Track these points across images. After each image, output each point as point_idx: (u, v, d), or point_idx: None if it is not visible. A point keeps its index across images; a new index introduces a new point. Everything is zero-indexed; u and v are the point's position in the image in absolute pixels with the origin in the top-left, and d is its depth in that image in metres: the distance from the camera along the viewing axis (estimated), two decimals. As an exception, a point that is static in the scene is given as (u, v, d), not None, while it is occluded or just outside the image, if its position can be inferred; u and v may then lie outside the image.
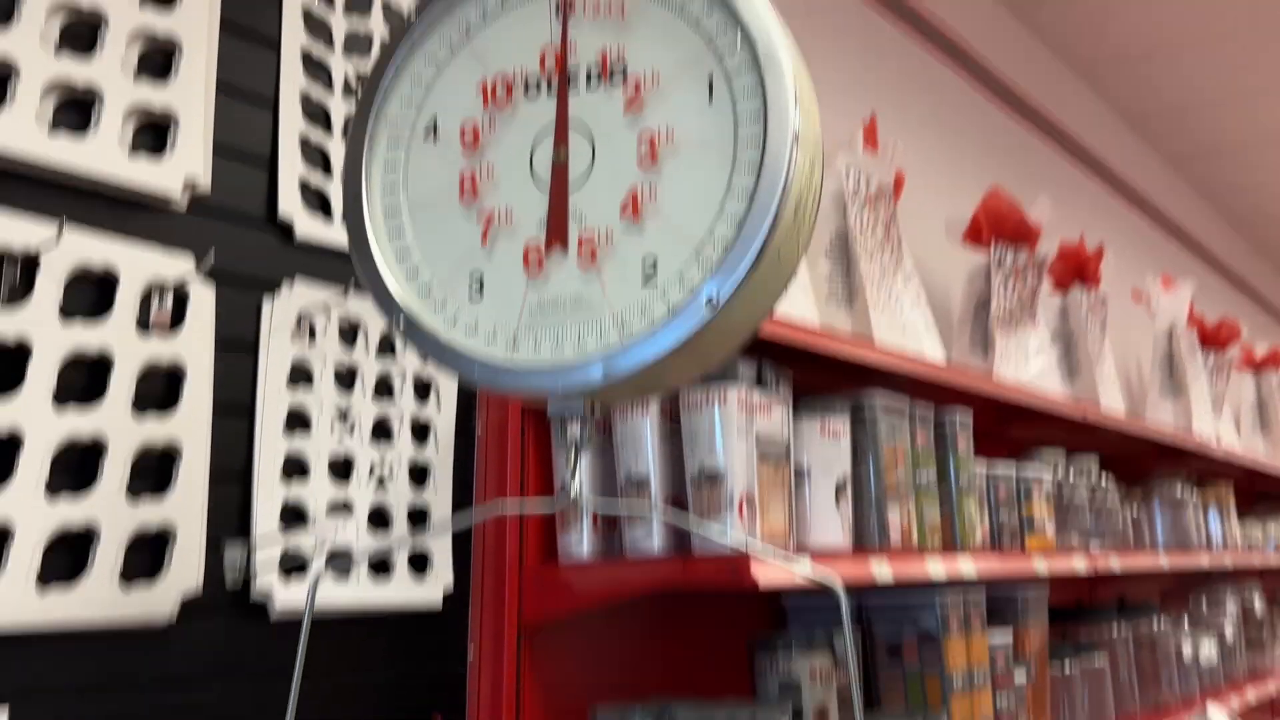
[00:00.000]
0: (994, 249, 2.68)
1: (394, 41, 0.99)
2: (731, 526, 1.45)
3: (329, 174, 1.50)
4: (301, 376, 1.43)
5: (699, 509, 1.49)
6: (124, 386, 1.24)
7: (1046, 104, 3.96)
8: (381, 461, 1.51)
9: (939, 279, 2.95)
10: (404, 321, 0.93)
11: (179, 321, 1.30)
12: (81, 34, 1.28)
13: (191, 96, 1.34)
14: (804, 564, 0.95)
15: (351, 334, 1.50)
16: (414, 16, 0.99)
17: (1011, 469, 2.26)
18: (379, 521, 1.50)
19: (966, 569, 1.84)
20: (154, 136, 1.32)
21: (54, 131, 1.22)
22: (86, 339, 1.22)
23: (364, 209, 0.96)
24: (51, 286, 1.20)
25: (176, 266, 1.30)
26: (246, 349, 1.37)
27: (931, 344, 2.32)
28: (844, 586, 1.89)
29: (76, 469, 1.21)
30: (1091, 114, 4.43)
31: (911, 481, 1.89)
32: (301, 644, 0.95)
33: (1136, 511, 2.99)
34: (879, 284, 2.21)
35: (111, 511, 1.21)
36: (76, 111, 1.26)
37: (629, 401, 1.32)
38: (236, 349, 1.36)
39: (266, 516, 1.36)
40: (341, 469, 1.46)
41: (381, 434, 1.52)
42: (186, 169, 1.32)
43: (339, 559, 1.41)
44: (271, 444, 1.38)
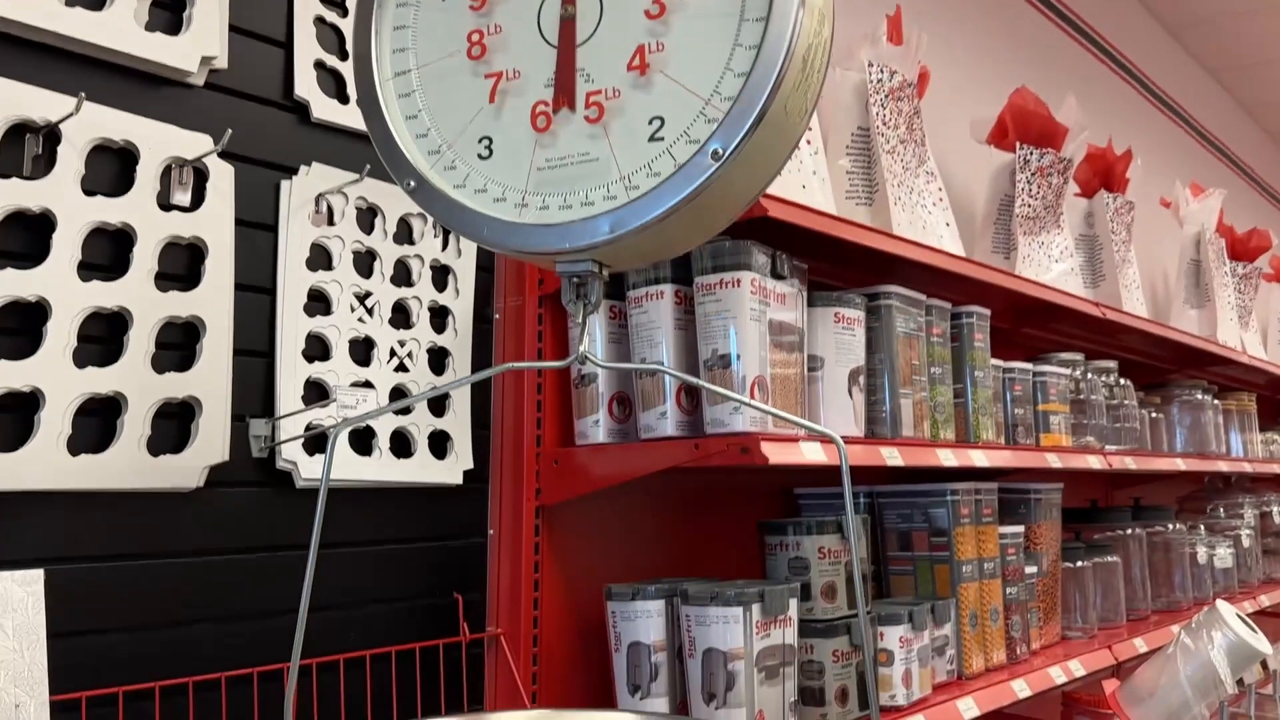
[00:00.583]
0: (1019, 150, 2.64)
1: (403, -98, 0.99)
2: (742, 409, 1.47)
3: (345, 56, 1.50)
4: (321, 258, 1.45)
5: (712, 393, 1.51)
6: (146, 260, 1.27)
7: (1080, 6, 3.86)
8: (401, 345, 1.54)
9: (962, 180, 2.92)
10: (413, 183, 0.94)
11: (199, 199, 1.32)
12: (95, -92, 1.28)
13: (206, -26, 1.34)
14: (806, 422, 0.97)
15: (370, 218, 1.52)
16: (423, -124, 0.98)
17: (1029, 367, 2.26)
18: (400, 402, 1.53)
19: (978, 459, 1.86)
20: (171, 13, 1.33)
21: (71, 5, 1.23)
22: (108, 212, 1.24)
23: (373, 69, 0.96)
24: (73, 159, 1.22)
25: (196, 144, 1.32)
26: (266, 229, 1.40)
27: (952, 243, 2.31)
28: (853, 474, 1.92)
29: (102, 341, 1.24)
30: (1126, 17, 4.31)
31: (927, 375, 1.90)
32: (319, 509, 0.98)
33: (1155, 415, 2.99)
34: (900, 181, 2.19)
35: (137, 382, 1.25)
36: (92, -14, 1.27)
37: (637, 264, 1.32)
38: (256, 228, 1.39)
39: (290, 392, 1.39)
40: (362, 351, 1.49)
41: (401, 318, 1.55)
42: (203, 46, 1.33)
43: (360, 422, 1.44)
44: (293, 323, 1.41)
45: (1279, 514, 3.80)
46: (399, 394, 1.53)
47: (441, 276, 1.61)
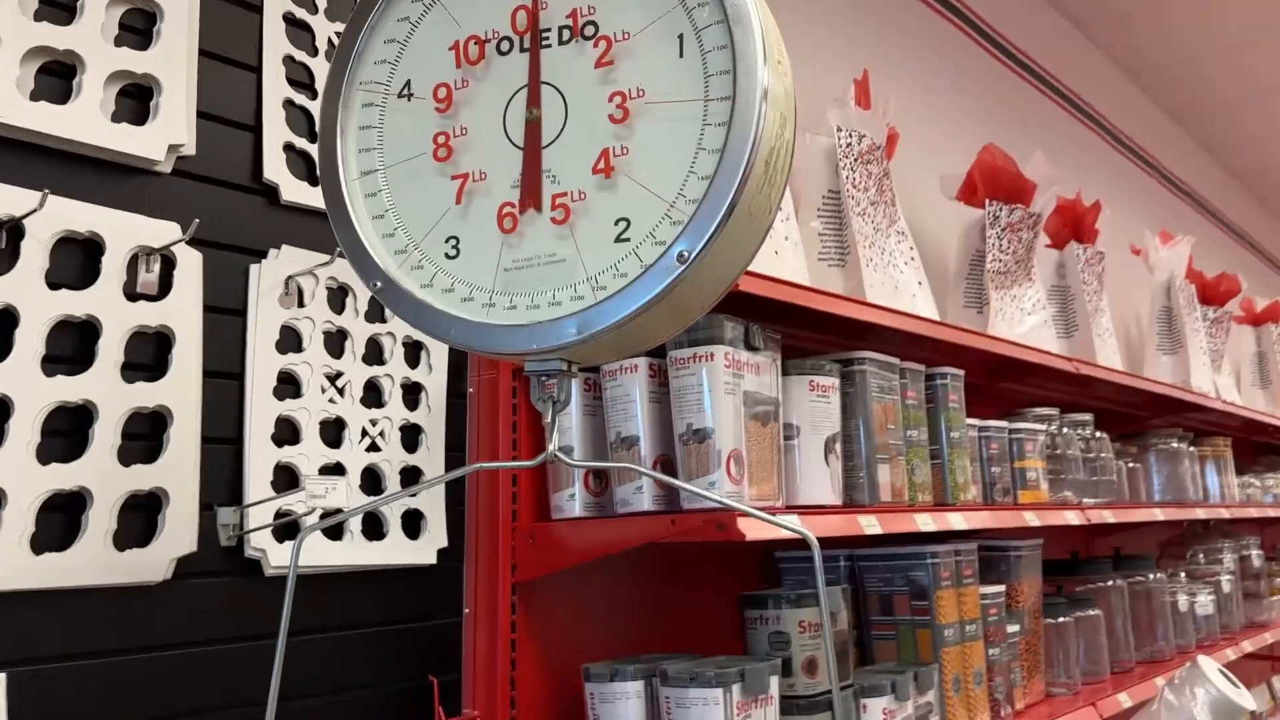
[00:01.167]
0: (989, 206, 2.67)
1: (366, 4, 0.99)
2: (719, 483, 1.46)
3: (313, 138, 1.50)
4: (291, 340, 1.44)
5: (688, 467, 1.50)
6: (112, 352, 1.25)
7: (1044, 59, 3.92)
8: (373, 424, 1.52)
9: (935, 235, 2.95)
10: (379, 284, 0.94)
11: (166, 287, 1.31)
12: (63, 2, 1.28)
13: (174, 62, 1.34)
14: (788, 518, 0.97)
15: (340, 297, 1.51)
16: (387, -23, 0.99)
17: (1004, 425, 2.27)
18: (372, 483, 1.51)
19: (956, 523, 1.86)
20: (137, 102, 1.32)
21: (35, 98, 1.23)
22: (73, 305, 1.23)
23: (339, 170, 0.96)
24: (38, 253, 1.21)
25: (163, 232, 1.31)
26: (235, 313, 1.39)
27: (924, 302, 2.33)
28: (833, 540, 1.90)
29: (67, 435, 1.22)
30: (1091, 69, 4.39)
31: (903, 438, 1.90)
32: (288, 597, 0.96)
33: (1132, 465, 3.00)
34: (872, 241, 2.21)
35: (103, 476, 1.23)
36: (58, 78, 1.26)
37: (608, 359, 1.32)
38: (225, 313, 1.37)
39: (258, 478, 1.37)
40: (333, 432, 1.48)
41: (373, 397, 1.54)
42: (170, 134, 1.32)
43: (330, 517, 1.43)
44: (262, 407, 1.39)
45: (1257, 557, 3.81)
46: (371, 475, 1.51)
47: (414, 353, 1.60)
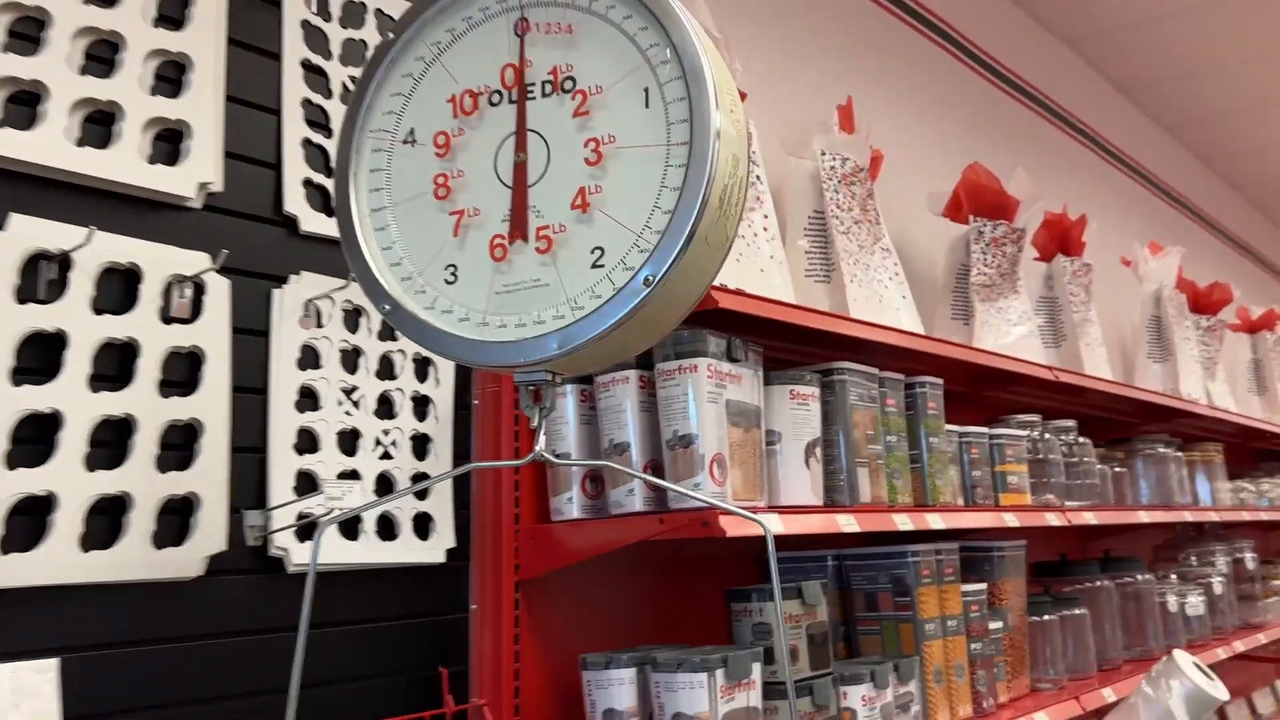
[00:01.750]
0: (973, 222, 2.79)
1: (375, 60, 1.13)
2: (704, 485, 1.59)
3: (329, 173, 1.64)
4: (310, 358, 1.58)
5: (675, 470, 1.63)
6: (150, 370, 1.39)
7: (1037, 79, 4.05)
8: (385, 434, 1.66)
9: (926, 250, 3.07)
10: (388, 308, 1.07)
11: (198, 311, 1.45)
12: (102, 55, 1.42)
13: (203, 107, 1.49)
14: (750, 517, 1.09)
15: (355, 318, 1.65)
16: (392, 37, 1.13)
17: (985, 431, 2.38)
18: (386, 488, 1.65)
19: (934, 522, 1.98)
20: (170, 145, 1.47)
21: (81, 145, 1.37)
22: (116, 328, 1.37)
23: (352, 208, 1.10)
24: (84, 282, 1.35)
25: (194, 261, 1.45)
26: (259, 334, 1.52)
27: (908, 315, 2.45)
28: (819, 540, 2.03)
29: (111, 445, 1.36)
30: (1082, 86, 4.50)
31: (882, 443, 2.02)
32: (308, 591, 1.09)
33: (1118, 470, 3.11)
34: (856, 258, 2.33)
35: (143, 482, 1.37)
36: (100, 125, 1.41)
37: (590, 370, 1.45)
38: (250, 334, 1.51)
39: (281, 484, 1.51)
40: (349, 442, 1.61)
41: (385, 409, 1.67)
42: (200, 173, 1.47)
43: (346, 516, 1.56)
44: (284, 420, 1.53)
45: (1251, 560, 3.90)
46: (384, 481, 1.65)
47: (423, 368, 1.73)
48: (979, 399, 2.75)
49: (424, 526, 1.68)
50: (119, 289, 1.40)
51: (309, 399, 1.57)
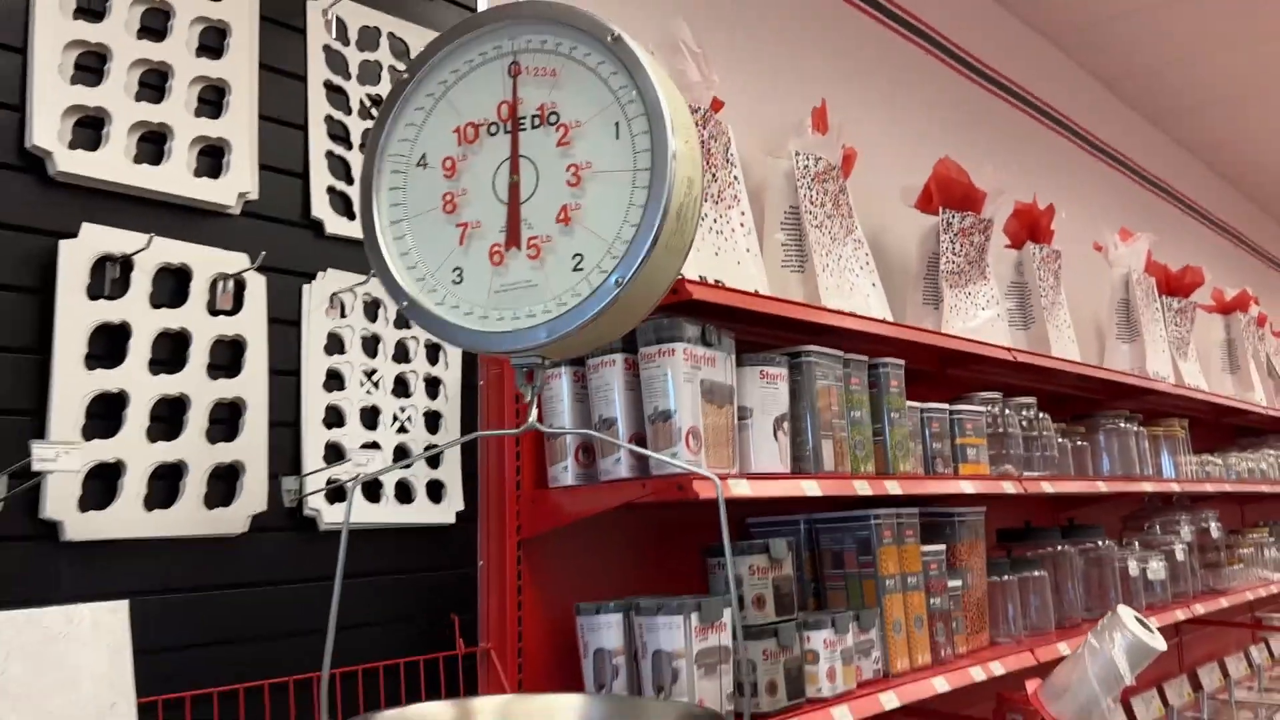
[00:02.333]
0: (942, 213, 3.00)
1: (393, 95, 1.35)
2: (680, 454, 1.81)
3: (350, 181, 1.86)
4: (335, 344, 1.81)
5: (655, 442, 1.85)
6: (200, 356, 1.62)
7: (1011, 71, 4.24)
8: (402, 411, 1.89)
9: (901, 240, 3.28)
10: (406, 303, 1.29)
11: (239, 304, 1.68)
12: (153, 82, 1.64)
13: (240, 125, 1.71)
14: (703, 474, 1.31)
15: (374, 309, 1.87)
16: (406, 77, 1.35)
17: (945, 406, 2.60)
18: (402, 458, 1.87)
19: (893, 488, 2.20)
20: (213, 159, 1.69)
21: (138, 162, 1.59)
22: (170, 320, 1.60)
23: (375, 220, 1.32)
24: (144, 281, 1.57)
25: (235, 261, 1.68)
26: (292, 324, 1.75)
27: (877, 301, 2.67)
28: (789, 504, 2.25)
29: (168, 420, 1.59)
30: (1062, 78, 4.69)
31: (847, 418, 2.24)
32: (343, 540, 1.32)
33: (1080, 444, 3.32)
34: (828, 250, 2.55)
35: (195, 452, 1.60)
36: (152, 144, 1.63)
37: (574, 354, 1.65)
38: (284, 324, 1.74)
39: (313, 454, 1.74)
40: (370, 417, 1.84)
41: (401, 389, 1.90)
42: (239, 184, 1.69)
43: (373, 476, 1.79)
44: (314, 398, 1.76)
45: (1216, 529, 4.12)
46: (401, 452, 1.87)
47: (434, 353, 1.96)
48: (947, 379, 2.97)
49: (436, 492, 1.91)
50: (172, 286, 1.62)
51: (335, 380, 1.80)
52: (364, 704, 1.74)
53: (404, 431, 1.88)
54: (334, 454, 1.78)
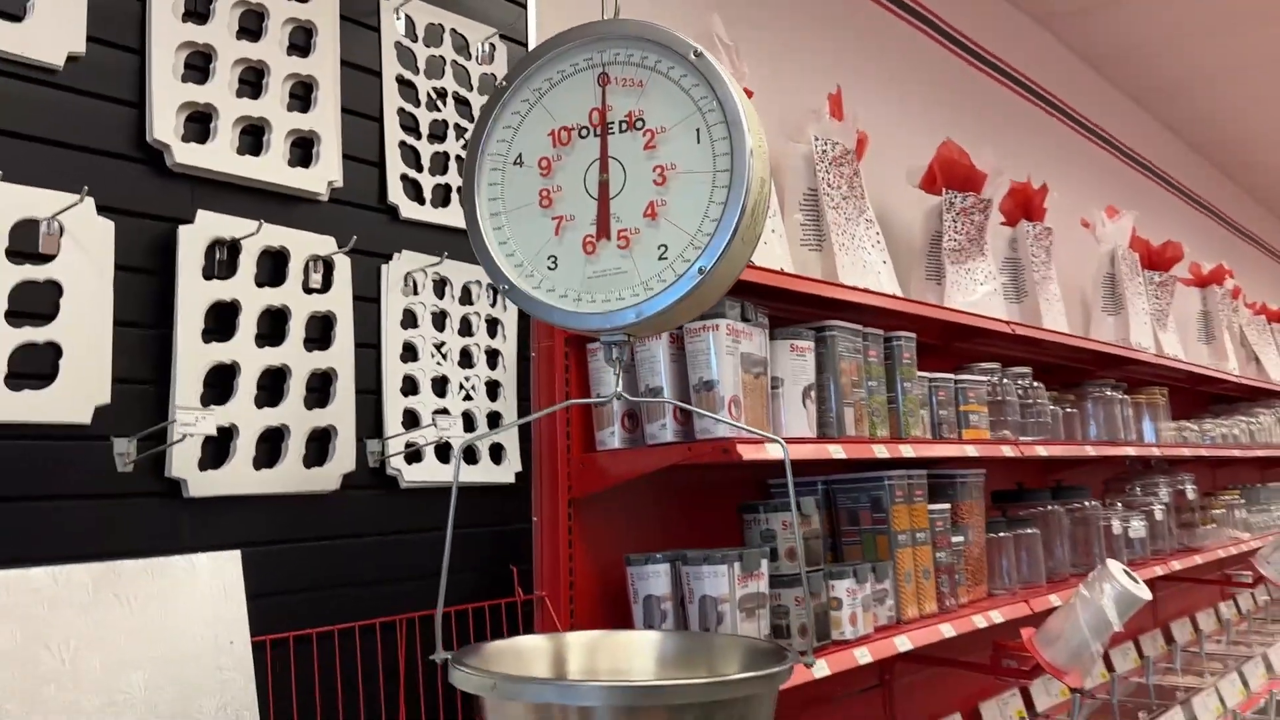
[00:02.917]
0: (945, 194, 3.19)
1: (491, 101, 1.51)
2: (722, 419, 2.00)
3: (420, 169, 2.02)
4: (410, 320, 1.98)
5: (700, 409, 2.03)
6: (298, 331, 1.79)
7: (1010, 55, 4.42)
8: (467, 380, 2.06)
9: (906, 218, 3.47)
10: (508, 287, 1.47)
11: (328, 284, 1.84)
12: (250, 79, 1.80)
13: (327, 118, 1.87)
14: (771, 438, 1.50)
15: (442, 287, 2.04)
16: (504, 83, 1.51)
17: (951, 377, 2.81)
18: (467, 422, 2.05)
19: (906, 451, 2.40)
20: (304, 151, 1.85)
21: (241, 154, 1.75)
22: (272, 298, 1.76)
23: (478, 215, 1.49)
24: (249, 262, 1.74)
25: (325, 244, 1.84)
26: (372, 301, 1.92)
27: (888, 278, 2.85)
28: (809, 465, 2.45)
29: (271, 388, 1.76)
30: (1052, 60, 4.88)
31: (865, 387, 2.43)
32: (453, 496, 1.50)
33: (1069, 410, 3.54)
34: (844, 230, 2.73)
35: (295, 417, 1.77)
36: (252, 137, 1.78)
37: (654, 333, 1.83)
38: (366, 301, 1.91)
39: (393, 419, 1.91)
40: (440, 386, 2.01)
41: (466, 360, 2.07)
42: (328, 174, 1.85)
43: (450, 445, 1.97)
44: (393, 368, 1.93)
45: (1191, 491, 4.37)
46: (466, 416, 2.05)
47: (493, 327, 2.13)
48: (950, 350, 3.17)
49: (498, 454, 2.09)
50: (272, 266, 1.78)
51: (409, 352, 1.97)
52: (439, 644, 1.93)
53: (469, 399, 2.06)
54: (410, 419, 1.95)
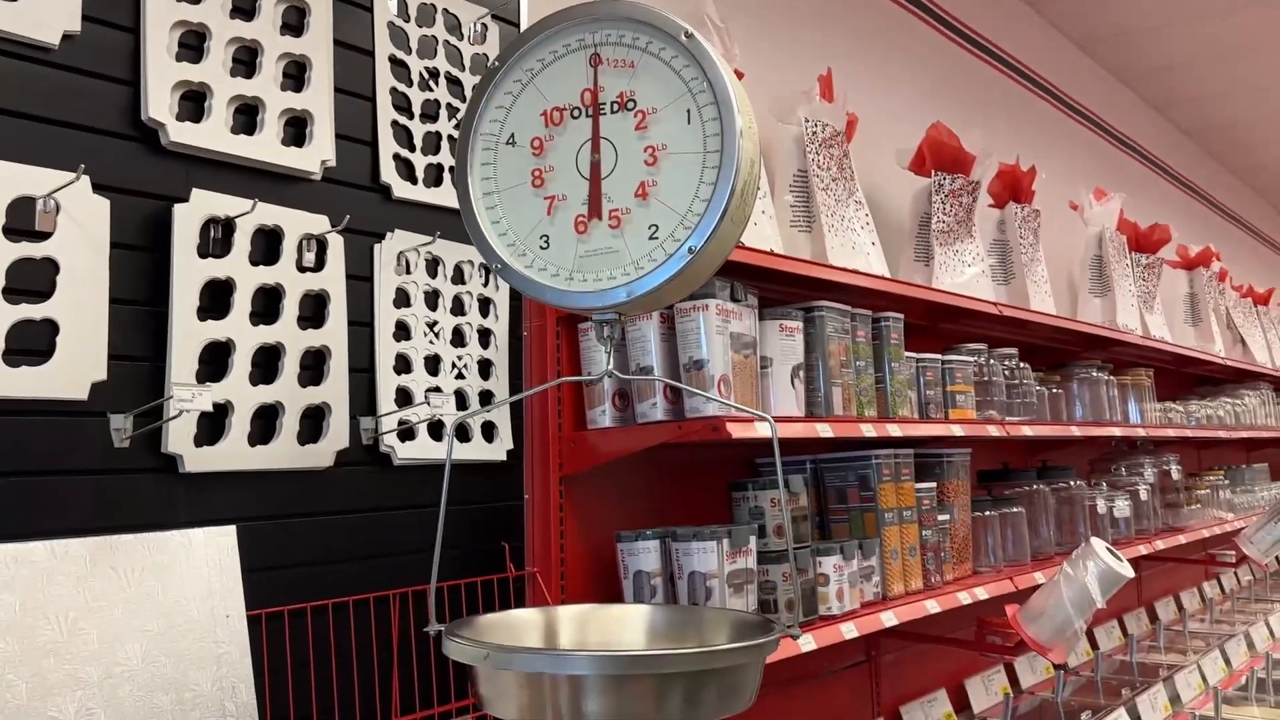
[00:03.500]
0: (934, 176, 3.21)
1: (484, 81, 1.52)
2: (712, 398, 2.02)
3: (413, 149, 2.04)
4: (402, 299, 1.99)
5: (688, 387, 2.06)
6: (292, 309, 1.80)
7: (999, 37, 4.43)
8: (459, 359, 2.08)
9: (895, 200, 3.49)
10: (500, 266, 1.49)
11: (322, 263, 1.86)
12: (243, 58, 1.80)
13: (320, 98, 1.88)
14: (760, 415, 1.52)
15: (434, 266, 2.06)
16: (496, 63, 1.52)
17: (938, 357, 2.83)
18: (459, 400, 2.07)
19: (894, 431, 2.43)
20: (298, 130, 1.86)
21: (235, 133, 1.76)
22: (266, 276, 1.78)
23: (470, 194, 1.50)
24: (243, 240, 1.75)
25: (318, 223, 1.85)
26: (366, 280, 1.93)
27: (876, 259, 2.88)
28: (798, 445, 2.48)
29: (265, 366, 1.78)
30: (1042, 42, 4.89)
31: (853, 367, 2.46)
32: (447, 472, 1.52)
33: (1055, 391, 3.58)
34: (833, 211, 2.75)
35: (289, 394, 1.79)
36: (246, 116, 1.79)
37: (644, 311, 1.86)
38: (359, 280, 1.92)
39: (386, 397, 1.93)
40: (432, 364, 2.03)
41: (458, 339, 2.09)
42: (321, 153, 1.86)
43: (444, 423, 1.99)
44: (386, 347, 1.95)
45: (1176, 471, 4.42)
46: (459, 394, 2.07)
47: (485, 306, 2.15)
48: (937, 331, 3.20)
49: (490, 432, 2.11)
50: (265, 245, 1.80)
51: (402, 330, 1.99)
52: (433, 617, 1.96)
53: (461, 378, 2.08)
54: (403, 397, 1.97)
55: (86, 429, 1.57)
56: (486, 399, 2.12)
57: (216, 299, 1.72)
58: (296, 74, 1.87)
